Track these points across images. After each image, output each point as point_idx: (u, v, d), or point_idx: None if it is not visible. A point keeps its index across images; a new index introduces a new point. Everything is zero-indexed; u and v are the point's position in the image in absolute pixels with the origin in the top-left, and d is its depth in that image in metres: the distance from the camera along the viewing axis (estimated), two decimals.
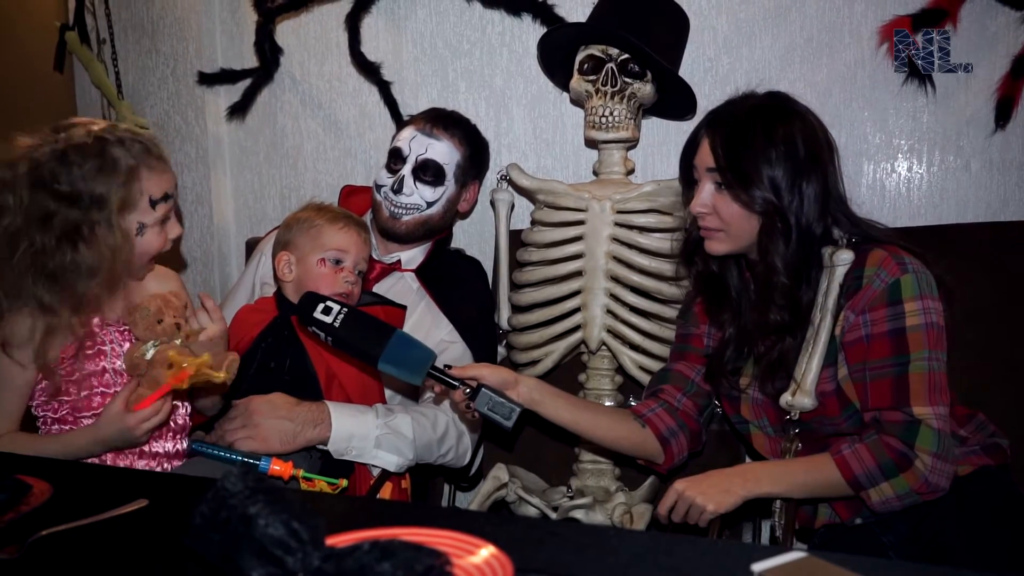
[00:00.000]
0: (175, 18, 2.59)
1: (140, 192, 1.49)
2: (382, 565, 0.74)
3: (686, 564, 0.92)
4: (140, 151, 1.50)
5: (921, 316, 1.46)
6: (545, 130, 2.36)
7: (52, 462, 1.40)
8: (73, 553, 0.99)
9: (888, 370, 1.46)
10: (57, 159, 1.45)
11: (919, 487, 1.42)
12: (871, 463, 1.43)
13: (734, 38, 2.20)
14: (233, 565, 0.77)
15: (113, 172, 1.46)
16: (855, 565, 0.87)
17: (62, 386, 1.51)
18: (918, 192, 2.15)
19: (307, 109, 2.55)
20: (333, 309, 1.49)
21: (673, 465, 1.72)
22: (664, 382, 1.74)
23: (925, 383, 1.44)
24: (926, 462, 1.41)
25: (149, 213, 1.51)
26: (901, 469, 1.42)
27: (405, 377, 1.49)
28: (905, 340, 1.45)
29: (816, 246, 1.54)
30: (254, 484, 0.79)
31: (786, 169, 1.50)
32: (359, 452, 1.70)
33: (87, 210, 1.45)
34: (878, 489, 1.44)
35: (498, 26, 2.35)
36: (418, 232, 2.04)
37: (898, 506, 1.45)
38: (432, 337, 1.90)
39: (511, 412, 1.47)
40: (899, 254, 1.50)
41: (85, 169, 1.45)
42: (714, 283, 1.68)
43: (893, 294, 1.47)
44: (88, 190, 1.45)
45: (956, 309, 1.55)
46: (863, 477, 1.44)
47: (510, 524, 1.14)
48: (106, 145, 1.47)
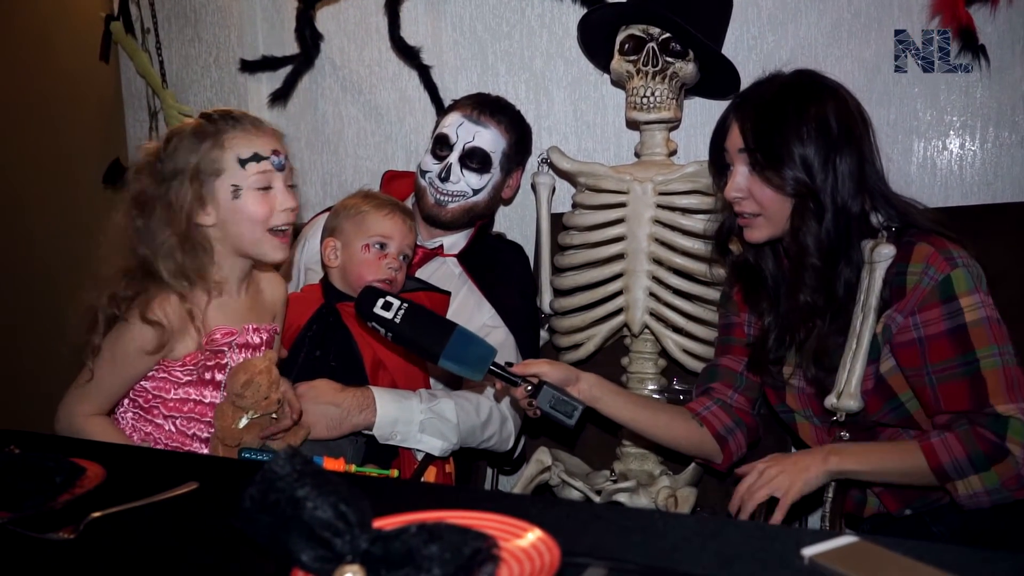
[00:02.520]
0: (217, 7, 2.61)
1: (225, 152, 1.50)
2: (430, 548, 0.74)
3: (733, 548, 0.91)
4: (227, 116, 1.54)
5: (980, 310, 1.40)
6: (586, 112, 2.34)
7: (105, 445, 1.43)
8: (126, 534, 1.00)
9: (957, 371, 1.40)
10: (164, 143, 1.53)
11: (1011, 481, 1.35)
12: (961, 454, 1.36)
13: (779, 14, 2.15)
14: (282, 547, 0.78)
15: (202, 140, 1.50)
16: (907, 550, 0.86)
17: (205, 369, 1.54)
18: (971, 170, 2.09)
19: (347, 95, 2.56)
20: (393, 304, 1.49)
21: (732, 463, 1.69)
22: (714, 379, 1.71)
23: (1002, 379, 1.38)
24: (1020, 454, 1.34)
25: (240, 174, 1.50)
26: (993, 461, 1.35)
27: (466, 373, 1.48)
28: (968, 337, 1.39)
29: (855, 225, 1.48)
30: (302, 467, 0.80)
31: (819, 147, 1.45)
32: (404, 437, 1.70)
33: (185, 176, 1.49)
34: (966, 482, 1.37)
35: (537, 8, 2.33)
36: (463, 219, 2.04)
37: (987, 502, 1.38)
38: (474, 322, 1.90)
39: (573, 410, 1.46)
40: (945, 247, 1.44)
41: (182, 144, 1.50)
42: (750, 271, 1.64)
43: (945, 291, 1.41)
44: (184, 157, 1.50)
45: (1014, 291, 1.50)
46: (951, 467, 1.37)
47: (555, 507, 1.14)
48: (202, 120, 1.53)
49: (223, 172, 1.50)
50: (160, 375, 1.54)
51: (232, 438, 1.50)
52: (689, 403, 1.71)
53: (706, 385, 1.71)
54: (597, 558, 0.85)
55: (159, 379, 1.54)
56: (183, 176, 1.49)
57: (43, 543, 0.98)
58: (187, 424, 1.55)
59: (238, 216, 1.51)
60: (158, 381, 1.55)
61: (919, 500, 1.52)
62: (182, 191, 1.49)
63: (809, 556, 0.85)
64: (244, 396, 1.50)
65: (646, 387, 1.99)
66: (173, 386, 1.55)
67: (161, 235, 1.50)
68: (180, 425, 1.55)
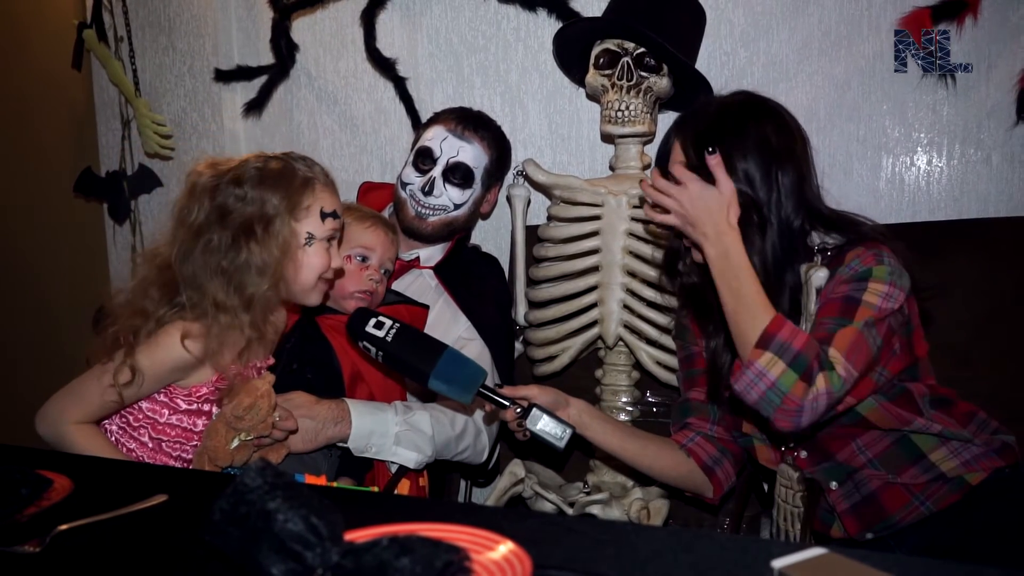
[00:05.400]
0: (192, 15, 2.60)
1: (313, 201, 1.53)
2: (401, 561, 0.74)
3: (705, 560, 0.91)
4: (318, 169, 1.57)
5: (880, 299, 1.40)
6: (561, 125, 2.35)
7: (73, 457, 1.41)
8: (94, 547, 0.99)
9: (827, 326, 1.40)
10: (244, 167, 1.53)
11: (792, 400, 1.32)
12: (799, 344, 1.33)
13: (751, 31, 2.18)
14: (252, 560, 0.77)
15: (292, 179, 1.52)
16: (875, 562, 0.87)
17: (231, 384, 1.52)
18: (938, 186, 2.13)
19: (323, 105, 2.56)
20: (385, 324, 1.49)
21: (723, 494, 1.68)
22: (687, 415, 1.69)
23: (850, 338, 1.37)
24: (819, 389, 1.32)
25: (319, 225, 1.53)
26: (802, 376, 1.32)
27: (455, 395, 1.47)
28: (854, 308, 1.39)
29: (797, 241, 1.49)
30: (273, 479, 0.80)
31: (760, 161, 1.47)
32: (378, 449, 1.70)
33: (262, 207, 1.49)
34: (771, 360, 1.33)
35: (513, 21, 2.35)
36: (442, 232, 2.05)
37: (753, 397, 1.35)
38: (450, 334, 1.90)
39: (563, 432, 1.46)
40: (877, 249, 1.45)
41: (266, 174, 1.51)
42: (698, 293, 1.63)
43: (863, 275, 1.42)
44: (266, 191, 1.50)
45: (979, 305, 1.52)
46: (775, 343, 1.34)
47: (528, 520, 1.14)
48: (289, 160, 1.55)
49: (304, 218, 1.52)
50: (161, 399, 1.52)
51: (223, 459, 1.48)
52: (673, 436, 1.69)
53: (682, 421, 1.69)
54: (570, 570, 0.85)
55: (159, 402, 1.52)
56: (260, 202, 1.48)
57: (8, 556, 0.96)
58: (172, 446, 1.54)
59: (304, 260, 1.53)
60: (157, 404, 1.52)
61: (879, 524, 1.52)
62: (259, 214, 1.48)
63: (779, 568, 0.86)
64: (243, 419, 1.47)
65: (620, 399, 2.00)
66: (170, 411, 1.53)
67: (248, 258, 1.48)
68: (165, 447, 1.54)
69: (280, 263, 1.49)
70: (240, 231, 1.48)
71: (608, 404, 2.00)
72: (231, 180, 1.50)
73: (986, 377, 1.76)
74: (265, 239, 1.48)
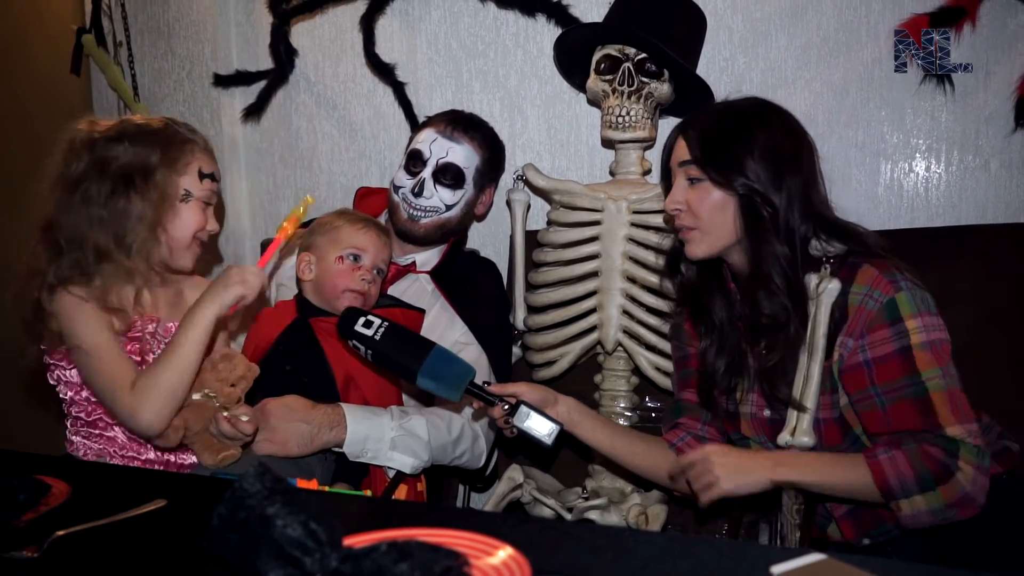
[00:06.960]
0: (191, 21, 2.60)
1: (192, 159, 1.59)
2: (400, 566, 0.74)
3: (703, 566, 0.91)
4: (199, 136, 1.64)
5: (923, 333, 1.40)
6: (560, 130, 2.36)
7: (71, 462, 1.41)
8: (92, 553, 0.99)
9: (906, 391, 1.40)
10: (125, 124, 1.59)
11: (955, 500, 1.34)
12: (908, 472, 1.35)
13: (750, 37, 2.19)
14: (251, 566, 0.77)
15: (173, 137, 1.58)
16: (873, 568, 0.87)
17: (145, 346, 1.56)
18: (936, 192, 2.14)
19: (322, 110, 2.56)
20: (374, 323, 1.50)
21: None
22: (679, 415, 1.69)
23: (948, 402, 1.38)
24: (968, 474, 1.33)
25: (197, 184, 1.59)
26: (939, 482, 1.33)
27: (444, 393, 1.48)
28: (913, 359, 1.39)
29: (802, 250, 1.48)
30: (272, 485, 0.79)
31: (768, 164, 1.46)
32: (374, 454, 1.69)
33: (143, 160, 1.54)
34: (911, 501, 1.35)
35: (512, 27, 2.35)
36: (435, 234, 2.05)
37: (927, 522, 1.37)
38: (447, 339, 1.90)
39: (551, 430, 1.46)
40: (889, 270, 1.44)
41: (147, 131, 1.57)
42: (696, 293, 1.63)
43: (891, 313, 1.41)
44: (147, 146, 1.55)
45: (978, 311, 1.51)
46: (896, 485, 1.35)
47: (526, 525, 1.14)
48: (170, 122, 1.63)
49: (183, 174, 1.57)
50: None
51: None
52: (664, 435, 1.69)
53: (674, 421, 1.69)
54: None
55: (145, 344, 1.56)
56: (141, 154, 1.53)
57: (6, 562, 0.96)
58: None
59: (181, 216, 1.58)
60: None
61: (875, 529, 1.52)
62: (138, 165, 1.53)
63: (778, 574, 0.86)
64: (217, 368, 1.53)
65: (618, 405, 2.00)
66: None
67: (126, 207, 1.52)
68: (128, 432, 1.54)
69: (159, 212, 1.54)
70: (120, 182, 1.53)
71: (607, 409, 2.00)
72: (112, 136, 1.56)
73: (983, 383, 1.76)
74: (145, 189, 1.53)
